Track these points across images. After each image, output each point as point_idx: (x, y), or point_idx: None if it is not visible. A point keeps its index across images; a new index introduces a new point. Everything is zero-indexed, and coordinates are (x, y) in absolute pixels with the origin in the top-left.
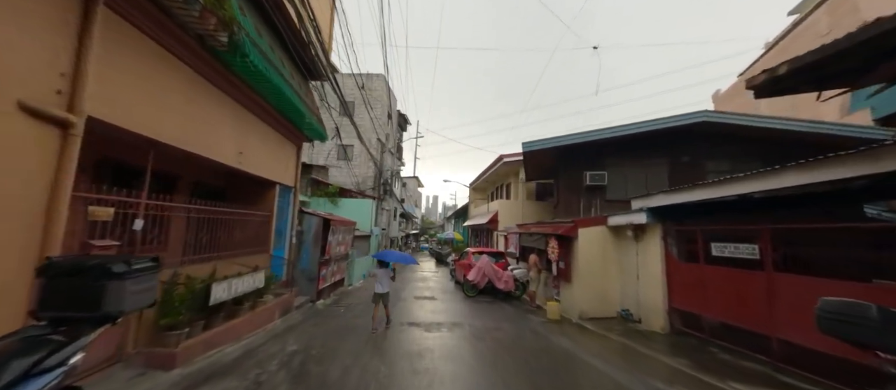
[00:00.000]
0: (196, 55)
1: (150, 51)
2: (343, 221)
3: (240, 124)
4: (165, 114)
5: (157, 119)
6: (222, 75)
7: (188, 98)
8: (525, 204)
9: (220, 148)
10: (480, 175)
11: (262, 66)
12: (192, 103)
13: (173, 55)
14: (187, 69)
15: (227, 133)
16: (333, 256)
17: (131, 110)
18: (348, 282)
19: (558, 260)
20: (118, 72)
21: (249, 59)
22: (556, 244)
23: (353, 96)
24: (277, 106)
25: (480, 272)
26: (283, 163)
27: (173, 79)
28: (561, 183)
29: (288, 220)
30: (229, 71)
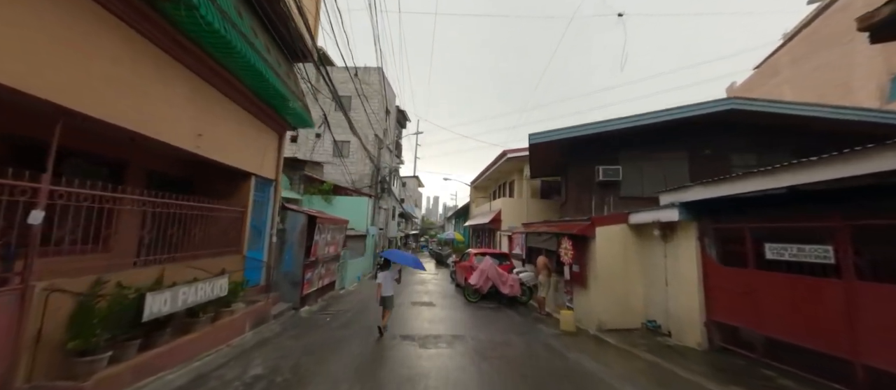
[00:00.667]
0: (127, 2)
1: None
2: (332, 219)
3: (200, 101)
4: (81, 75)
5: (66, 81)
6: (171, 37)
7: (116, 58)
8: (530, 202)
9: (168, 126)
10: (482, 172)
11: (220, 25)
12: (122, 66)
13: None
14: (114, 21)
15: (181, 110)
16: (321, 258)
17: (23, 65)
18: (340, 285)
19: (572, 262)
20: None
21: (199, 13)
22: (569, 245)
23: (349, 90)
24: (252, 85)
25: (483, 275)
26: (261, 153)
27: (95, 32)
28: (570, 179)
29: (267, 217)
30: (181, 33)
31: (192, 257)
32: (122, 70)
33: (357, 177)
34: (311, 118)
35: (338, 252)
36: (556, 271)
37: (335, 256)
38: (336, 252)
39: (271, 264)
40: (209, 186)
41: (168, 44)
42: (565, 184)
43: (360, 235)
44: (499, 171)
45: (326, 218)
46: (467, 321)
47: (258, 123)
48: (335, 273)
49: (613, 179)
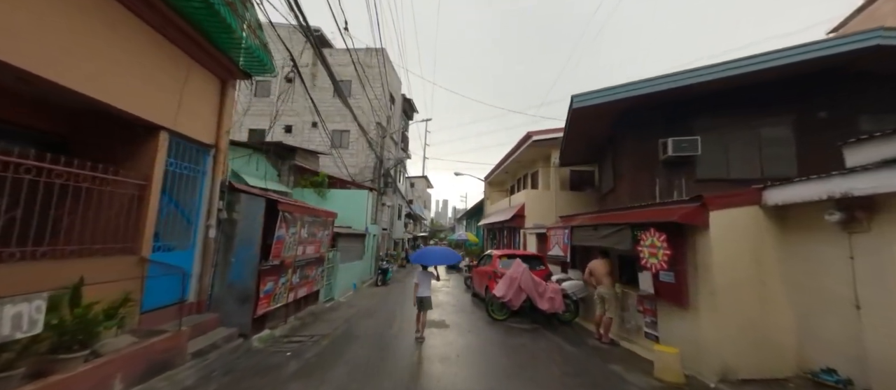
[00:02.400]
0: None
1: None
2: (308, 209)
3: (82, 13)
4: None
5: None
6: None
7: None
8: (559, 194)
9: (19, 41)
10: (500, 163)
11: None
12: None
13: None
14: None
15: (47, 19)
16: (291, 261)
17: None
18: (327, 295)
19: (665, 268)
20: None
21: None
22: (661, 241)
23: (349, 75)
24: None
25: (513, 285)
26: (189, 102)
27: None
28: (620, 159)
29: (201, 200)
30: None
31: (32, 256)
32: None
33: (357, 171)
34: (273, 61)
35: (321, 253)
36: (622, 282)
37: (317, 259)
38: (318, 253)
39: (208, 270)
40: (98, 148)
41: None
42: (612, 167)
43: (358, 234)
44: (519, 161)
45: (299, 206)
46: (499, 360)
47: (186, 60)
48: (318, 281)
49: (687, 155)
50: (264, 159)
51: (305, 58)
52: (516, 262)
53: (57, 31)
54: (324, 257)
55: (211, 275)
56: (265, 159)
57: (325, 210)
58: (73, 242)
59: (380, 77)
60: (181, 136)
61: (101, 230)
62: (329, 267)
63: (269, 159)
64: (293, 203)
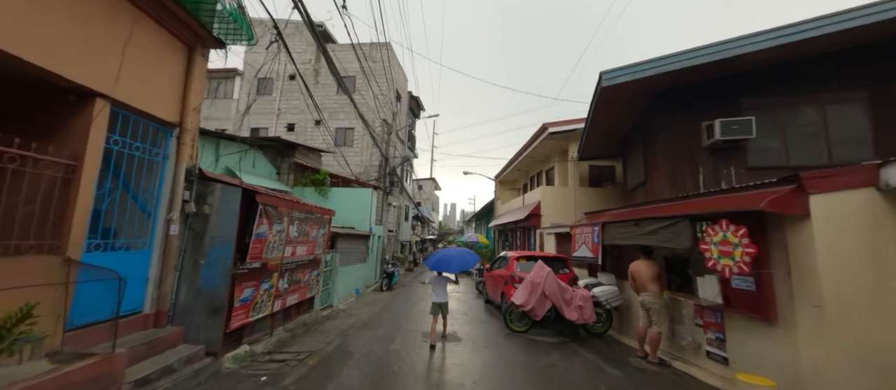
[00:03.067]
0: None
1: None
2: (297, 203)
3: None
4: None
5: None
6: None
7: None
8: (578, 191)
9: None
10: (513, 159)
11: None
12: None
13: None
14: None
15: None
16: (277, 263)
17: None
18: (325, 301)
19: (747, 271)
20: None
21: None
22: (740, 237)
23: (353, 71)
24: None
25: (536, 291)
26: (136, 65)
27: None
28: (655, 147)
29: (161, 190)
30: None
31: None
32: None
33: (361, 169)
34: (251, 28)
35: (315, 255)
36: (671, 288)
37: (310, 262)
38: (312, 255)
39: (169, 274)
40: (10, 118)
41: None
42: (643, 157)
43: (361, 236)
44: (533, 157)
45: (285, 200)
46: (527, 385)
47: (129, 9)
48: (313, 286)
49: (737, 139)
50: (262, 156)
51: (308, 54)
52: (538, 265)
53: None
54: (319, 259)
55: (175, 281)
56: (263, 156)
57: (319, 207)
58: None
59: (384, 72)
60: (130, 109)
61: (10, 222)
62: (326, 270)
63: (267, 156)
64: (277, 196)
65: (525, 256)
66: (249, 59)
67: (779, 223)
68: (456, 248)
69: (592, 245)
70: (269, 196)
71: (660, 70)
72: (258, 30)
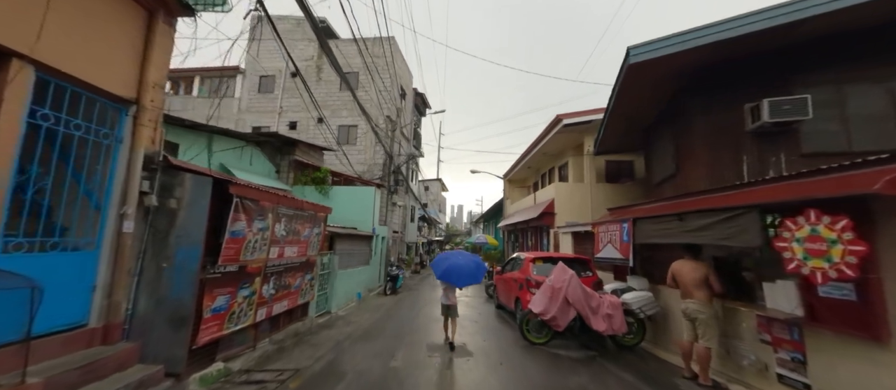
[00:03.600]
0: None
1: None
2: (283, 198)
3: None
4: None
5: None
6: None
7: None
8: (594, 187)
9: None
10: (524, 155)
11: None
12: None
13: None
14: None
15: None
16: (259, 266)
17: None
18: (322, 307)
19: (852, 275)
20: None
21: None
22: (840, 231)
23: (356, 66)
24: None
25: (557, 297)
26: (70, 23)
27: None
28: (688, 134)
29: (112, 179)
30: None
31: None
32: None
33: (365, 168)
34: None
35: (308, 256)
36: (719, 294)
37: (303, 264)
38: (304, 256)
39: (123, 280)
40: None
41: None
42: (674, 146)
43: (364, 236)
44: (545, 152)
45: (268, 193)
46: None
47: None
48: (306, 291)
49: (789, 121)
50: (260, 153)
51: (310, 50)
52: (559, 268)
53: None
54: (313, 262)
55: (131, 288)
56: (261, 153)
57: (312, 203)
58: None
59: (387, 67)
60: (66, 78)
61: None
62: (324, 274)
63: (265, 153)
64: (257, 188)
65: (542, 258)
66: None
67: (888, 214)
68: (464, 256)
69: (621, 244)
70: (248, 188)
71: (702, 41)
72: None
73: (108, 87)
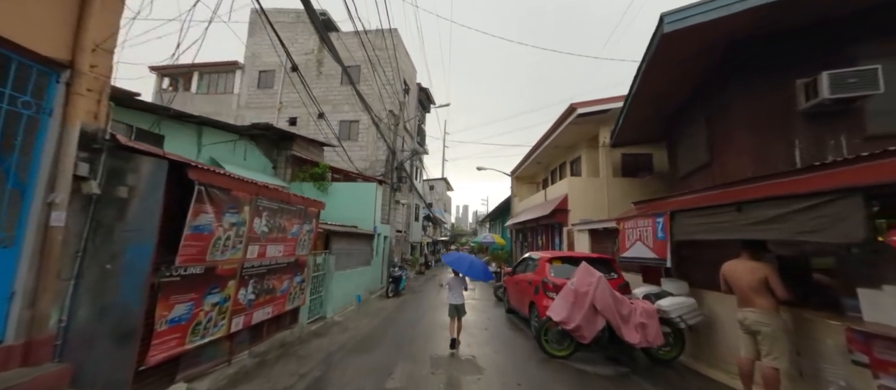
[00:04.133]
0: None
1: None
2: (261, 188)
3: None
4: None
5: None
6: None
7: None
8: (611, 182)
9: None
10: (534, 150)
11: None
12: None
13: None
14: None
15: None
16: (233, 268)
17: None
18: (315, 312)
19: None
20: None
21: None
22: None
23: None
24: None
25: (583, 303)
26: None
27: None
28: (726, 117)
29: (38, 161)
30: None
31: None
32: None
33: (367, 164)
34: None
35: (296, 256)
36: (785, 300)
37: (290, 265)
38: (292, 256)
39: (51, 285)
40: None
41: None
42: (707, 132)
43: (364, 235)
44: (556, 145)
45: (244, 182)
46: None
47: None
48: (295, 295)
49: (852, 98)
50: (256, 148)
51: (311, 44)
52: (582, 268)
53: None
54: (304, 262)
55: (67, 295)
56: (256, 148)
57: (302, 197)
58: None
59: (391, 60)
60: None
61: None
62: (318, 275)
63: (261, 148)
64: (228, 175)
65: (559, 257)
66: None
67: None
68: (473, 257)
69: (654, 242)
70: (214, 174)
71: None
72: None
73: (28, 44)
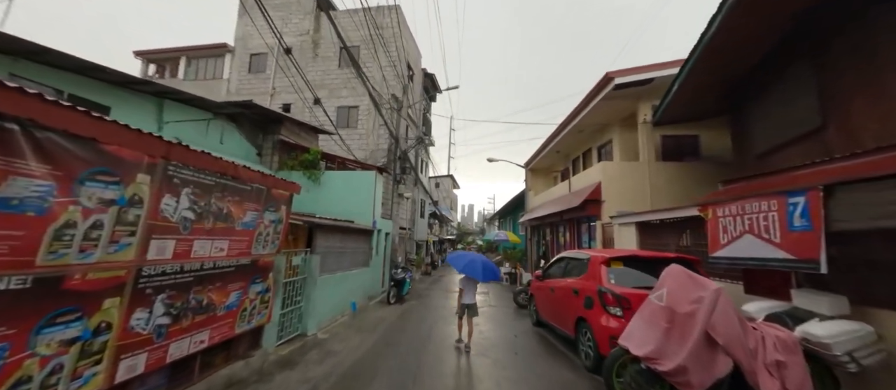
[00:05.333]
0: None
1: None
2: (172, 146)
3: None
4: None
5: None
6: None
7: None
8: (653, 167)
9: None
10: (555, 134)
11: None
12: None
13: None
14: None
15: None
16: (119, 279)
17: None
18: (292, 330)
19: None
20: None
21: None
22: None
23: (357, 40)
24: None
25: (687, 329)
26: None
27: None
28: (853, 63)
29: None
30: None
31: None
32: None
33: (367, 154)
34: None
35: (253, 256)
36: None
37: (242, 270)
38: (247, 256)
39: None
40: None
41: None
42: (817, 85)
43: (362, 230)
44: (581, 129)
45: (124, 130)
46: None
47: None
48: (251, 312)
49: None
50: (236, 130)
51: (305, 24)
52: (678, 275)
53: None
54: (267, 265)
55: None
56: (237, 131)
57: (258, 172)
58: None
59: (395, 38)
60: None
61: None
62: (293, 281)
63: (243, 131)
64: (76, 110)
65: (622, 258)
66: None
67: None
68: (481, 256)
69: (786, 234)
70: (44, 101)
71: None
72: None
73: None
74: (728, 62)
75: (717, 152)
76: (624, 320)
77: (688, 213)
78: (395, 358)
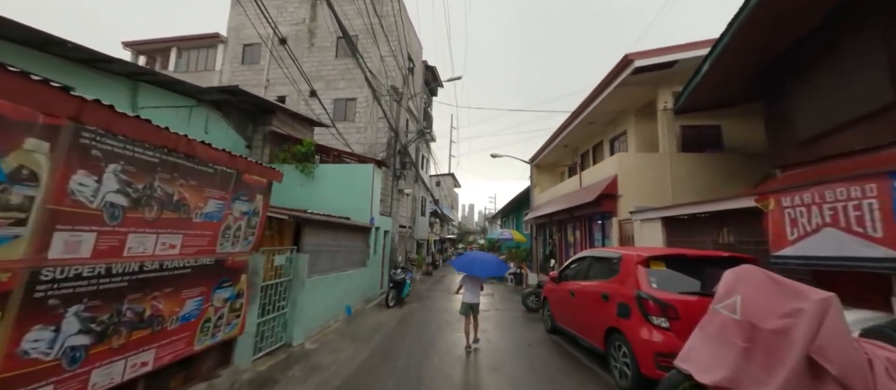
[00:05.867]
0: None
1: None
2: (73, 103)
3: None
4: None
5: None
6: None
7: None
8: (675, 158)
9: None
10: (564, 126)
11: None
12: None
13: None
14: None
15: None
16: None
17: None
18: (276, 339)
19: None
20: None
21: None
22: None
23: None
24: None
25: (777, 350)
26: None
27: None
28: None
29: None
30: None
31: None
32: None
33: (366, 148)
34: None
35: (218, 255)
36: None
37: (203, 271)
38: (211, 255)
39: None
40: None
41: None
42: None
43: (358, 227)
44: (592, 120)
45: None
46: None
47: None
48: (216, 324)
49: None
50: (222, 120)
51: (301, 12)
52: (754, 278)
53: None
54: (238, 266)
55: None
56: (224, 120)
57: (225, 152)
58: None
59: (396, 27)
60: None
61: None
62: (274, 284)
63: (231, 120)
64: None
65: (663, 257)
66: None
67: None
68: (485, 253)
69: (889, 226)
70: None
71: None
72: None
73: None
74: (766, 39)
75: (740, 143)
76: (671, 333)
77: (728, 206)
78: (392, 374)
